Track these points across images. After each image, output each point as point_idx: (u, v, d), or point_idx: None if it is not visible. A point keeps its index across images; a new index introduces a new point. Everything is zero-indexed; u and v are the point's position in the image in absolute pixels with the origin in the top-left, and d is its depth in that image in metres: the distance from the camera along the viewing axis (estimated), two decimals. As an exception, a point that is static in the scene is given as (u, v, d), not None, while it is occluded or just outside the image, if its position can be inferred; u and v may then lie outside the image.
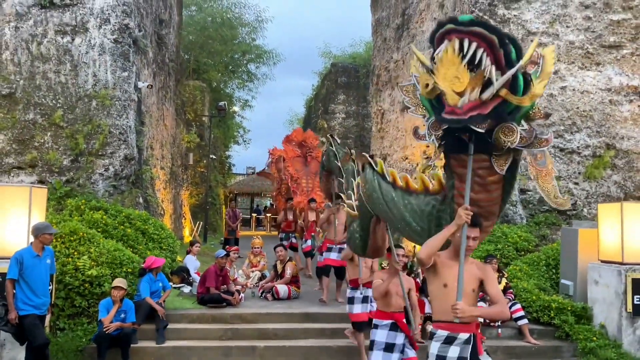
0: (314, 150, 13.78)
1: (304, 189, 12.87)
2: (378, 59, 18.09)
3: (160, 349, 6.65)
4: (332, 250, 8.52)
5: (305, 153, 13.81)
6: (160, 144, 12.87)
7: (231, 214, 14.79)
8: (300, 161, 13.69)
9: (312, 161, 13.61)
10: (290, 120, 39.32)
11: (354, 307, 6.39)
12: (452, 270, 3.51)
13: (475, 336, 3.58)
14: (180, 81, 16.86)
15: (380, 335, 4.99)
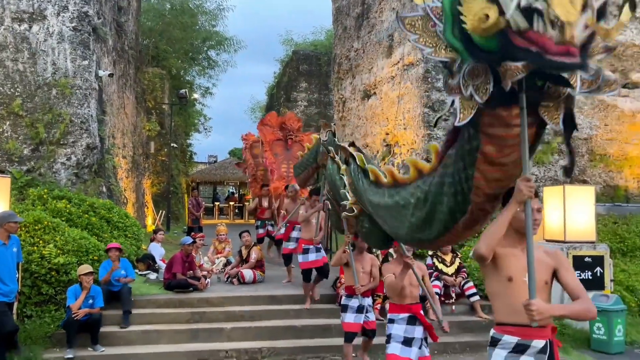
0: (295, 133, 13.21)
1: (283, 174, 12.19)
2: (339, 48, 18.34)
3: (129, 333, 6.82)
4: (309, 252, 7.69)
5: (286, 136, 13.12)
6: (121, 133, 12.82)
7: (194, 203, 14.71)
8: (281, 145, 12.95)
9: (294, 145, 12.97)
10: (252, 108, 39.25)
11: (347, 315, 5.87)
12: (517, 259, 2.81)
13: (552, 343, 2.80)
14: (140, 69, 16.70)
15: (397, 329, 4.66)
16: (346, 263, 5.79)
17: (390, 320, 4.75)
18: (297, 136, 13.15)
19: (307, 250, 7.69)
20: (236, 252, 10.35)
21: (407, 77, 12.72)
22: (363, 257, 6.00)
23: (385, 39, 14.14)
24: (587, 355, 6.97)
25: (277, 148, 12.77)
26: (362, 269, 5.86)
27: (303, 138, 13.13)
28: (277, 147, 12.80)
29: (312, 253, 7.68)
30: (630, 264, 8.96)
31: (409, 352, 4.56)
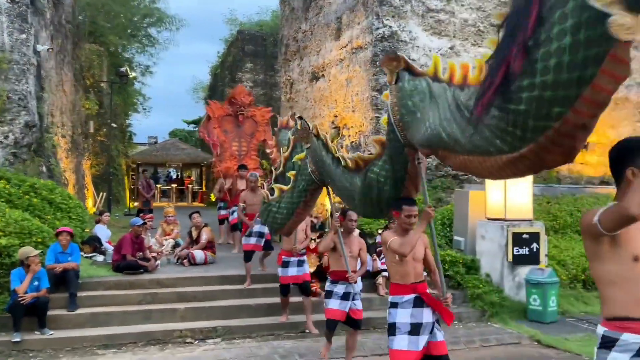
0: (246, 109, 12.46)
1: (234, 152, 11.60)
2: (286, 29, 18.24)
3: (77, 315, 6.67)
4: (289, 265, 6.77)
5: (237, 111, 12.33)
6: (60, 111, 12.27)
7: (145, 184, 14.15)
8: (231, 121, 12.17)
9: (246, 121, 12.36)
10: (195, 88, 38.39)
11: (330, 301, 5.40)
12: None
13: None
14: (77, 44, 15.95)
15: (402, 316, 3.92)
16: (334, 247, 5.37)
17: (393, 305, 4.02)
18: (248, 111, 12.41)
19: (287, 264, 6.76)
20: (184, 234, 10.27)
21: (355, 61, 12.87)
22: (351, 239, 5.52)
23: (334, 21, 14.21)
24: (524, 324, 7.46)
25: (227, 124, 12.14)
26: (349, 252, 5.37)
27: (255, 113, 12.54)
28: (227, 123, 12.14)
29: (293, 267, 6.74)
30: (562, 240, 9.60)
31: (417, 344, 3.86)
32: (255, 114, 12.37)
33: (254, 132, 12.34)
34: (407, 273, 4.02)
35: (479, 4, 12.43)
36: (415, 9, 12.05)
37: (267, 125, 12.84)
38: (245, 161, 11.45)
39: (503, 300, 7.96)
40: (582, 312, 8.02)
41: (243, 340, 6.68)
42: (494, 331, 7.23)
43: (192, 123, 44.90)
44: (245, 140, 12.08)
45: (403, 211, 3.92)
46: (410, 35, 12.00)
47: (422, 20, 12.13)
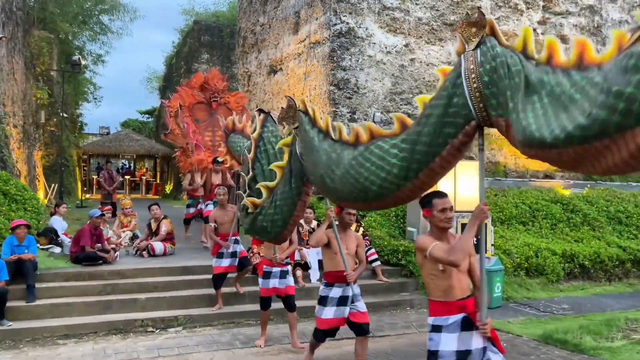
0: (221, 95, 11.33)
1: (208, 143, 10.46)
2: (244, 21, 18.27)
3: (36, 306, 6.66)
4: (271, 276, 6.03)
5: (210, 98, 11.14)
6: (11, 100, 11.97)
7: (107, 176, 13.52)
8: (204, 109, 11.02)
9: (220, 108, 11.15)
10: (149, 78, 37.72)
11: (325, 310, 4.79)
12: None
13: None
14: (28, 32, 15.49)
15: (447, 342, 3.12)
16: (327, 243, 4.79)
17: (435, 329, 3.18)
18: (222, 97, 11.31)
19: (269, 274, 6.03)
20: (141, 226, 10.28)
21: (313, 55, 13.10)
22: (347, 235, 4.94)
23: (292, 15, 14.38)
24: (471, 309, 7.93)
25: (199, 113, 10.99)
26: (346, 249, 4.78)
27: (229, 99, 11.37)
28: (199, 111, 11.00)
29: (275, 278, 6.02)
30: (507, 231, 10.19)
31: None
32: (229, 101, 11.25)
33: None
34: (451, 287, 3.17)
35: (433, 3, 12.88)
36: (372, 6, 12.38)
37: (242, 112, 11.56)
38: (219, 152, 10.42)
39: (452, 287, 8.41)
40: (525, 297, 8.58)
41: (204, 328, 6.85)
42: (443, 316, 7.67)
43: (146, 113, 44.03)
44: (219, 130, 10.64)
45: (434, 206, 3.20)
46: (366, 32, 12.33)
47: (378, 18, 12.48)
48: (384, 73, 12.45)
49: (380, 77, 12.42)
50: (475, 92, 2.77)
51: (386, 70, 12.48)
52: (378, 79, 12.41)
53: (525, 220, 10.66)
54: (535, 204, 10.99)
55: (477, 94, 2.77)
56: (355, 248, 4.94)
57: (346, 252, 4.77)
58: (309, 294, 7.83)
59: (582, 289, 9.28)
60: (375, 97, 12.31)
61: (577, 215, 10.98)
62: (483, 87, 2.74)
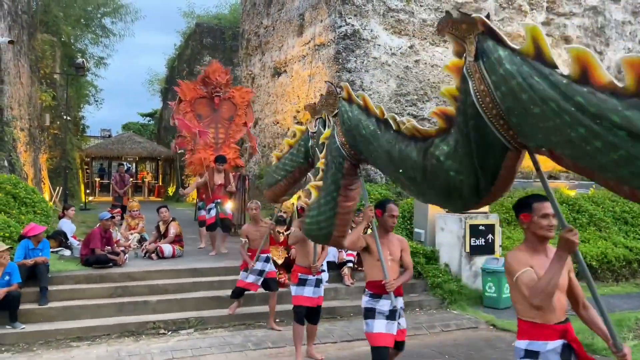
0: (223, 89, 10.62)
1: (210, 141, 9.88)
2: (247, 24, 18.31)
3: (49, 309, 6.69)
4: (306, 284, 5.60)
5: (212, 93, 10.45)
6: (18, 104, 12.01)
7: (118, 179, 13.34)
8: (206, 104, 10.36)
9: (223, 104, 10.50)
10: (151, 80, 37.70)
11: (375, 324, 4.13)
12: None
13: None
14: (33, 35, 15.53)
15: None
16: (366, 247, 4.22)
17: (530, 354, 2.79)
18: (225, 92, 10.61)
19: (304, 282, 5.61)
20: (148, 228, 10.32)
21: (318, 57, 13.14)
22: (389, 239, 4.33)
23: (296, 18, 14.42)
24: (480, 310, 7.97)
25: (201, 108, 10.34)
26: (389, 256, 4.22)
27: (234, 94, 10.69)
28: (201, 106, 10.34)
29: (310, 287, 5.60)
30: (514, 232, 10.21)
31: None
32: (234, 95, 10.62)
33: (232, 116, 10.52)
34: (552, 308, 2.76)
35: (437, 5, 12.92)
36: (377, 8, 12.42)
37: (247, 108, 11.12)
38: (224, 150, 9.89)
39: (461, 288, 8.44)
40: (533, 297, 8.59)
41: (216, 330, 6.88)
42: (453, 317, 7.69)
43: (147, 116, 44.10)
44: (222, 126, 10.22)
45: (535, 210, 2.84)
46: (371, 33, 12.37)
47: (383, 20, 12.52)
48: (389, 75, 12.48)
49: (385, 78, 12.46)
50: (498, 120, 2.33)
51: (391, 72, 12.52)
52: (383, 81, 12.45)
53: (532, 221, 10.67)
54: (541, 205, 11.01)
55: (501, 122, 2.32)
56: (399, 253, 4.35)
57: (390, 258, 4.21)
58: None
59: (590, 290, 9.29)
60: (380, 99, 12.33)
61: (583, 215, 11.00)
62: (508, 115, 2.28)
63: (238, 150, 10.29)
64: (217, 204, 9.21)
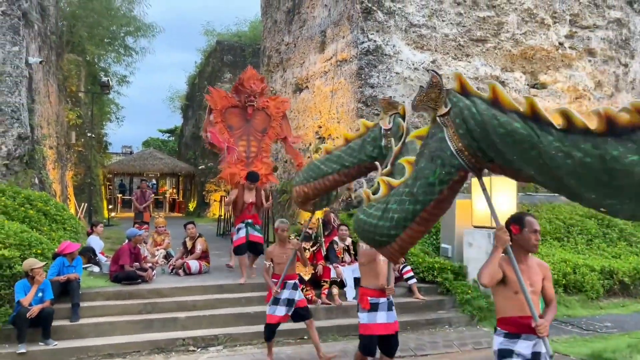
0: (257, 98, 9.61)
1: (241, 155, 9.08)
2: (269, 41, 18.51)
3: (81, 326, 6.74)
4: (378, 308, 4.97)
5: (245, 102, 9.46)
6: (47, 122, 12.26)
7: (139, 195, 13.31)
8: (237, 114, 9.46)
9: (257, 114, 9.60)
10: (171, 97, 38.19)
11: None
12: None
13: None
14: (60, 55, 15.90)
15: None
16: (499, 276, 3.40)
17: None
18: (260, 101, 9.64)
19: (376, 306, 4.96)
20: (175, 243, 10.38)
21: (340, 73, 13.21)
22: (529, 264, 3.49)
23: (318, 34, 14.54)
24: (511, 327, 7.81)
25: (232, 118, 9.44)
26: (530, 286, 3.36)
27: (268, 104, 9.77)
28: (233, 117, 9.44)
29: (383, 311, 4.96)
30: (542, 247, 10.04)
31: None
32: (268, 105, 9.66)
33: (265, 128, 9.58)
34: None
35: (459, 20, 12.92)
36: (399, 24, 12.47)
37: (283, 119, 10.05)
38: (255, 165, 9.13)
39: (491, 305, 8.28)
40: (565, 315, 8.42)
41: (245, 347, 6.86)
42: (484, 334, 7.56)
43: (167, 132, 44.69)
44: (255, 139, 9.36)
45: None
46: (394, 49, 12.41)
47: (405, 35, 12.55)
48: (412, 89, 12.47)
49: (408, 93, 12.44)
50: None
51: (414, 87, 12.50)
52: (406, 96, 12.43)
53: (560, 236, 10.52)
54: (569, 219, 10.85)
55: None
56: (541, 282, 3.52)
57: (530, 289, 3.35)
58: (346, 313, 7.82)
59: (623, 306, 9.08)
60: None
61: (614, 230, 10.80)
62: None
63: (271, 165, 9.52)
64: (247, 225, 8.51)
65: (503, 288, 3.44)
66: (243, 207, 8.62)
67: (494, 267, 3.33)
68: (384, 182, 3.59)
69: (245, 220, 8.57)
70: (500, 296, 3.50)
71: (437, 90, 3.04)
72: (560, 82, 13.76)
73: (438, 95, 3.02)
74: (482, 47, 13.12)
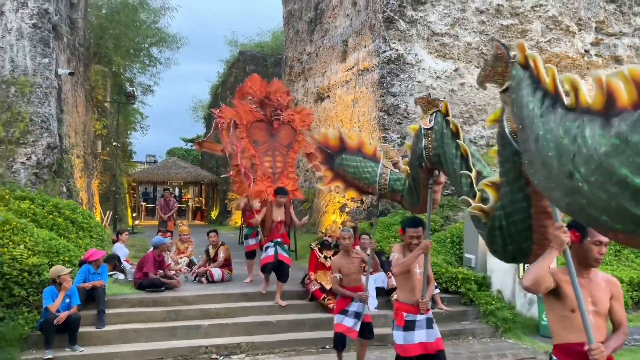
0: (284, 112, 9.14)
1: (267, 171, 8.59)
2: (290, 51, 18.66)
3: (106, 332, 6.84)
4: (415, 326, 4.52)
5: (271, 116, 8.99)
6: (74, 132, 12.54)
7: (163, 204, 13.18)
8: (263, 128, 8.99)
9: (282, 128, 9.14)
10: (194, 107, 38.79)
11: None
12: None
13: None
14: (88, 66, 16.28)
15: None
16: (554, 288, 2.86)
17: None
18: (285, 115, 9.14)
19: (413, 325, 4.52)
20: (197, 251, 10.47)
21: (362, 82, 13.24)
22: (592, 277, 2.99)
23: (340, 44, 14.61)
24: (537, 340, 7.69)
25: (258, 133, 8.95)
26: (591, 306, 2.87)
27: (294, 117, 9.28)
28: (258, 131, 8.95)
29: (421, 329, 4.52)
30: (569, 258, 9.86)
31: None
32: (294, 119, 9.20)
33: (291, 142, 9.17)
34: None
35: (482, 28, 12.86)
36: (421, 33, 12.46)
37: None
38: (282, 181, 8.73)
39: (515, 316, 8.18)
40: (592, 327, 8.23)
41: (267, 355, 6.87)
42: (509, 346, 7.45)
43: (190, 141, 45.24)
44: (280, 154, 8.92)
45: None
46: (416, 58, 12.40)
47: (428, 44, 12.54)
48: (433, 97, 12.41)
49: (430, 102, 12.39)
50: None
51: (436, 95, 12.45)
52: (428, 105, 12.39)
53: (587, 247, 10.31)
54: (596, 230, 10.63)
55: None
56: (607, 302, 2.95)
57: (592, 309, 2.85)
58: (369, 322, 7.76)
59: (653, 319, 8.85)
60: (425, 123, 12.26)
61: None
62: None
63: (297, 180, 9.09)
64: (276, 244, 7.99)
65: (557, 304, 2.91)
66: (272, 226, 8.21)
67: (541, 270, 2.73)
68: (489, 185, 3.01)
69: (274, 240, 8.10)
70: (554, 315, 2.97)
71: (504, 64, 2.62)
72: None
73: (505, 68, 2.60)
74: (505, 55, 12.99)
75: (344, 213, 13.03)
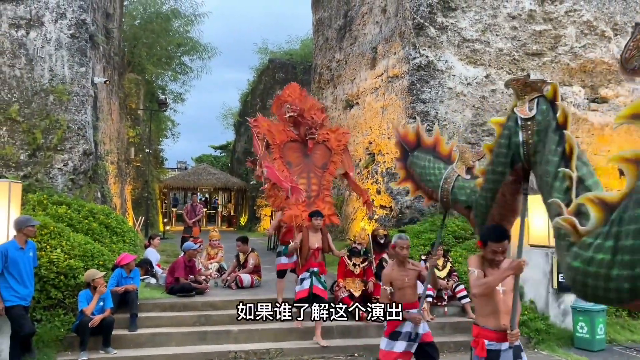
0: (319, 130, 8.45)
1: (302, 194, 7.75)
2: (320, 58, 18.75)
3: (138, 335, 6.96)
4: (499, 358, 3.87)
5: (306, 135, 8.34)
6: (109, 139, 12.85)
7: (189, 209, 13.15)
8: (297, 148, 8.37)
9: (317, 148, 8.48)
10: (224, 115, 39.24)
11: None
12: None
13: None
14: (122, 75, 16.69)
15: None
16: None
17: None
18: (320, 134, 8.46)
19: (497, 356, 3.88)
20: (227, 257, 10.57)
21: (391, 89, 13.20)
22: None
23: (369, 51, 14.62)
24: (571, 352, 7.49)
25: (291, 154, 8.32)
26: None
27: (329, 137, 8.59)
28: (291, 152, 8.33)
29: None
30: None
31: None
32: (329, 138, 8.54)
33: (326, 163, 8.46)
34: None
35: (514, 34, 12.69)
36: (451, 39, 12.37)
37: (344, 153, 8.80)
38: (317, 205, 7.99)
39: (549, 327, 8.00)
40: (629, 340, 8.01)
41: (296, 362, 6.88)
42: (542, 358, 7.28)
43: (219, 148, 45.84)
44: (315, 176, 8.24)
45: None
46: (446, 64, 12.31)
47: (458, 50, 12.43)
48: (464, 105, 12.31)
49: (460, 108, 12.30)
50: None
51: (467, 102, 12.35)
52: (458, 111, 12.29)
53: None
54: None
55: None
56: None
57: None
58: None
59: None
60: (456, 129, 12.17)
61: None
62: None
63: (332, 204, 8.47)
64: (312, 274, 7.36)
65: None
66: (308, 253, 7.53)
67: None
68: (594, 203, 2.28)
69: (310, 269, 7.44)
70: None
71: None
72: (623, 96, 13.23)
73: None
74: (538, 61, 12.80)
75: (372, 220, 12.97)
